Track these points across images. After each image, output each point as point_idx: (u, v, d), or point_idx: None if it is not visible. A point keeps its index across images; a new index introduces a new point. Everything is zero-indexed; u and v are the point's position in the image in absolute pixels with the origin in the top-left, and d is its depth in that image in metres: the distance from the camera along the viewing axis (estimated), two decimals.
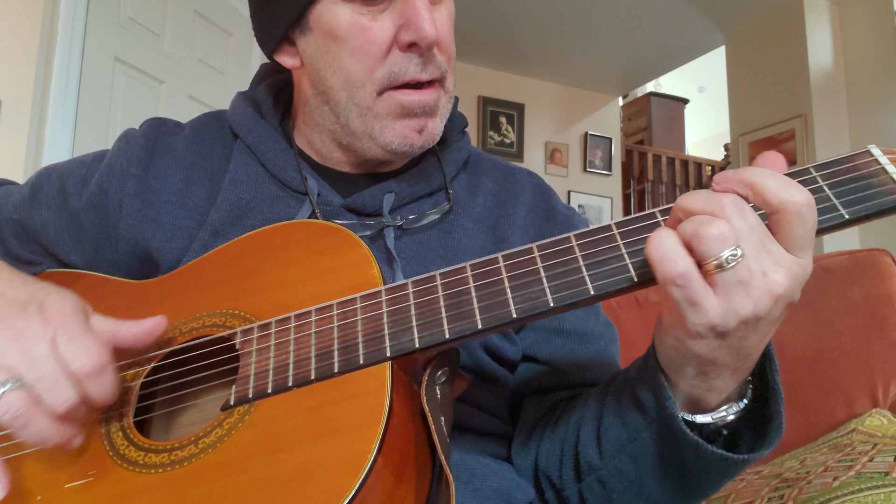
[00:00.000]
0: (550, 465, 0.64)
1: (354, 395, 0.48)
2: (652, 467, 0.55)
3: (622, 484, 0.57)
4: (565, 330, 0.72)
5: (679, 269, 0.42)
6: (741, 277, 0.42)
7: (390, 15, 0.63)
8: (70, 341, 0.50)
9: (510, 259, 0.51)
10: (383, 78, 0.64)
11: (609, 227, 0.49)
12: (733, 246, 0.42)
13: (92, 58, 2.36)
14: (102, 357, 0.51)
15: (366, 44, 0.63)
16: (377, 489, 0.45)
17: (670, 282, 0.43)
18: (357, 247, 0.57)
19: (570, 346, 0.72)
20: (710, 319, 0.43)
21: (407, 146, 0.67)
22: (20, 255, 0.75)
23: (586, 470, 0.60)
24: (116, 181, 0.71)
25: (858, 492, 0.68)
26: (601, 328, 0.75)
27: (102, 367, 0.51)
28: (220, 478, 0.48)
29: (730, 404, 0.52)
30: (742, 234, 0.42)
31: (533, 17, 4.52)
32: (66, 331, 0.51)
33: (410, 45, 0.63)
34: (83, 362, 0.50)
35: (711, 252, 0.42)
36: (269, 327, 0.55)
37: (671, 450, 0.53)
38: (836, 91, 3.96)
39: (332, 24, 0.64)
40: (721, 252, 0.41)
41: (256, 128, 0.74)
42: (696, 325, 0.44)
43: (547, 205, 0.78)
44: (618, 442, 0.56)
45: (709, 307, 0.43)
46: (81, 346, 0.50)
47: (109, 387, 0.52)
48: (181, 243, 0.69)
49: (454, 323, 0.50)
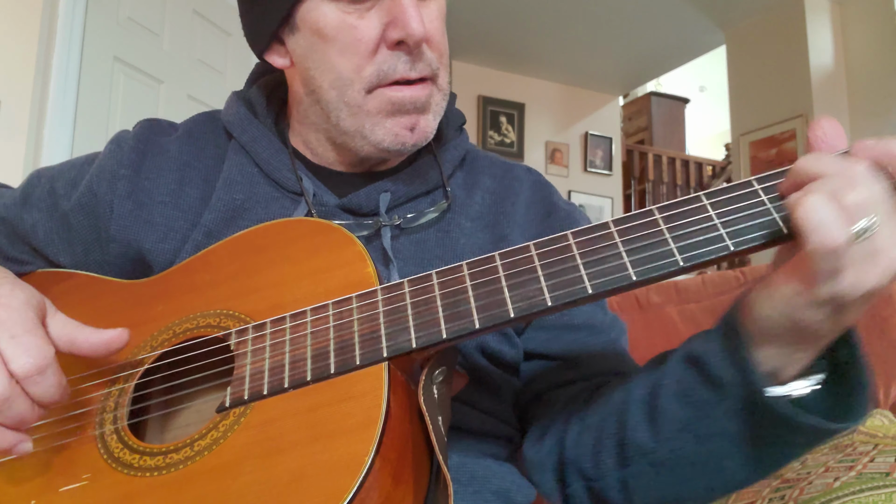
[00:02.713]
0: (582, 455, 0.61)
1: (351, 397, 0.48)
2: (722, 447, 0.53)
3: (682, 466, 0.55)
4: (575, 324, 0.71)
5: (839, 241, 0.40)
6: (872, 250, 0.41)
7: (377, 13, 0.63)
8: (11, 339, 0.49)
9: (507, 258, 0.50)
10: (372, 76, 0.63)
11: (607, 225, 0.49)
12: (872, 215, 0.40)
13: (91, 57, 2.36)
14: (44, 358, 0.49)
15: (353, 42, 0.63)
16: (375, 491, 0.44)
17: (828, 251, 0.41)
18: (351, 244, 0.56)
19: (582, 340, 0.71)
20: (841, 289, 0.42)
21: (399, 144, 0.66)
22: (10, 254, 0.74)
23: (636, 455, 0.57)
24: (107, 183, 0.70)
25: (859, 492, 0.68)
26: (609, 321, 0.74)
27: (42, 368, 0.49)
28: (216, 481, 0.48)
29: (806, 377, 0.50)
30: (876, 203, 0.41)
31: (533, 16, 4.52)
32: (7, 328, 0.50)
33: (398, 43, 0.63)
34: (21, 362, 0.48)
35: (850, 222, 0.40)
36: (264, 328, 0.54)
37: (752, 425, 0.50)
38: (837, 91, 3.96)
39: (319, 23, 0.63)
40: (859, 222, 0.40)
41: (250, 128, 0.73)
42: (826, 295, 0.42)
43: (547, 201, 0.77)
44: (680, 422, 0.54)
45: (843, 277, 0.41)
46: (21, 346, 0.49)
47: (52, 389, 0.50)
48: (174, 244, 0.68)
49: (451, 322, 0.49)
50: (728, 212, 0.47)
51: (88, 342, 0.54)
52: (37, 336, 0.50)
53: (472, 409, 0.67)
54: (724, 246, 0.46)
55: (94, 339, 0.54)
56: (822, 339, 0.47)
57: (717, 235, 0.46)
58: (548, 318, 0.71)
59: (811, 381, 0.50)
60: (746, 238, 0.46)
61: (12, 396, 0.49)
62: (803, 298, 0.44)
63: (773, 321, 0.47)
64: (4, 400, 0.48)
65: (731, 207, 0.47)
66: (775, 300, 0.46)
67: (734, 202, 0.47)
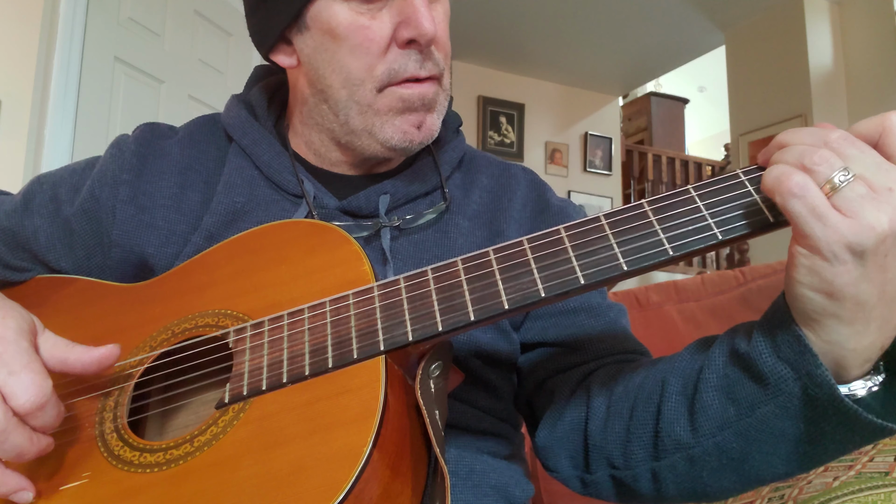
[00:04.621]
0: (611, 443, 0.60)
1: (349, 390, 0.48)
2: (766, 444, 0.51)
3: (720, 461, 0.54)
4: (571, 308, 0.72)
5: (795, 179, 0.42)
6: (861, 192, 0.41)
7: (389, 13, 0.64)
8: (10, 375, 0.49)
9: (501, 252, 0.51)
10: (383, 75, 0.64)
11: (598, 219, 0.50)
12: (842, 168, 0.42)
13: (92, 58, 2.36)
14: (44, 395, 0.49)
15: (365, 41, 0.63)
16: (373, 483, 0.45)
17: (788, 193, 0.42)
18: (347, 244, 0.57)
19: (581, 322, 0.71)
20: (843, 235, 0.41)
21: (406, 142, 0.67)
22: (9, 262, 0.74)
23: (671, 448, 0.56)
24: (109, 187, 0.70)
25: (859, 492, 0.68)
26: (607, 303, 0.74)
27: (42, 405, 0.49)
28: (216, 475, 0.48)
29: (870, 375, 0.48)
30: (852, 158, 0.42)
31: (533, 17, 4.52)
32: (5, 363, 0.49)
33: (409, 42, 0.64)
34: (22, 401, 0.48)
35: (821, 176, 0.42)
36: (262, 325, 0.55)
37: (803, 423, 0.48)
38: (836, 91, 3.96)
39: (330, 23, 0.64)
40: (830, 174, 0.41)
41: (251, 131, 0.74)
42: (831, 243, 0.41)
43: (541, 199, 0.78)
44: (721, 419, 0.52)
45: (837, 221, 0.41)
46: (20, 383, 0.49)
47: (51, 420, 0.51)
48: (176, 248, 0.69)
49: (447, 315, 0.50)
50: (715, 203, 0.48)
51: (80, 362, 0.54)
52: (34, 371, 0.50)
53: (471, 407, 0.67)
54: (712, 235, 0.47)
55: (86, 358, 0.54)
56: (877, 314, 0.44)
57: (705, 225, 0.47)
58: (544, 307, 0.72)
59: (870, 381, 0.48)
60: (733, 227, 0.47)
61: (9, 429, 0.48)
62: (818, 256, 0.43)
63: (810, 299, 0.45)
64: (2, 432, 0.48)
65: (718, 198, 0.48)
66: (802, 270, 0.44)
67: (721, 193, 0.48)
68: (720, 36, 4.58)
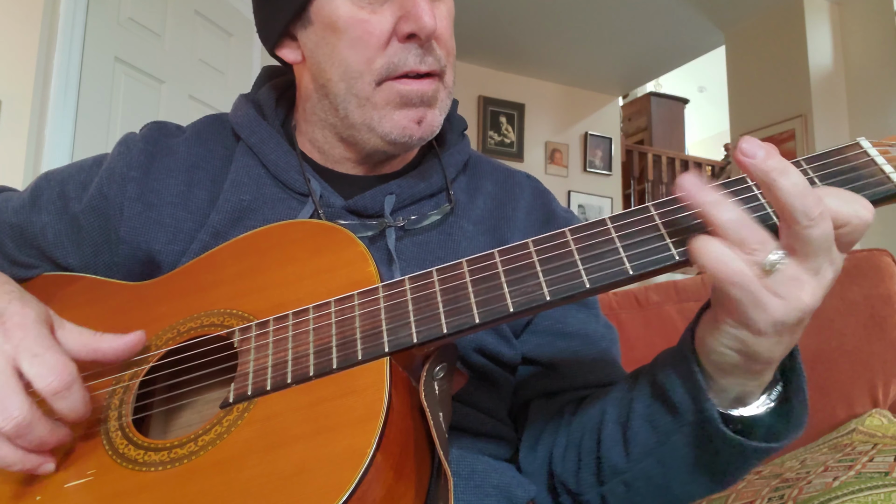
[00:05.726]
0: (566, 471, 0.64)
1: (353, 391, 0.48)
2: (680, 470, 0.55)
3: (647, 486, 0.58)
4: (568, 333, 0.72)
5: (734, 267, 0.42)
6: (793, 274, 0.43)
7: (390, 8, 0.64)
8: (34, 358, 0.49)
9: (506, 254, 0.51)
10: (382, 69, 0.65)
11: (604, 222, 0.50)
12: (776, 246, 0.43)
13: (92, 58, 2.36)
14: (69, 374, 0.50)
15: (364, 34, 0.64)
16: (377, 484, 0.45)
17: (728, 281, 0.43)
18: (353, 245, 0.57)
19: (574, 349, 0.72)
20: (774, 315, 0.43)
21: (406, 137, 0.67)
22: (17, 258, 0.74)
23: (609, 473, 0.60)
24: (117, 185, 0.71)
25: (858, 492, 0.68)
26: (602, 330, 0.75)
27: (69, 384, 0.50)
28: (220, 474, 0.48)
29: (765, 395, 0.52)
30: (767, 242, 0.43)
31: (533, 17, 4.52)
32: (27, 347, 0.50)
33: (409, 36, 0.64)
34: (49, 380, 0.49)
35: (758, 258, 0.42)
36: (267, 325, 0.55)
37: (705, 451, 0.53)
38: (836, 91, 3.96)
39: (332, 17, 0.65)
40: (765, 258, 0.42)
41: (258, 129, 0.74)
42: (763, 324, 0.44)
43: (546, 208, 0.79)
44: (646, 445, 0.56)
45: (772, 305, 0.43)
46: (45, 364, 0.49)
47: (78, 403, 0.51)
48: (183, 245, 0.69)
49: (451, 317, 0.50)
50: None
51: (112, 348, 0.54)
52: (59, 353, 0.51)
53: (473, 409, 0.67)
54: None
55: (117, 344, 0.55)
56: (778, 360, 0.48)
57: None
58: (542, 324, 0.73)
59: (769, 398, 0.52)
60: None
61: (33, 421, 0.49)
62: (747, 331, 0.45)
63: (727, 354, 0.48)
64: (26, 424, 0.49)
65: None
66: (724, 336, 0.47)
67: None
68: (720, 36, 4.58)
